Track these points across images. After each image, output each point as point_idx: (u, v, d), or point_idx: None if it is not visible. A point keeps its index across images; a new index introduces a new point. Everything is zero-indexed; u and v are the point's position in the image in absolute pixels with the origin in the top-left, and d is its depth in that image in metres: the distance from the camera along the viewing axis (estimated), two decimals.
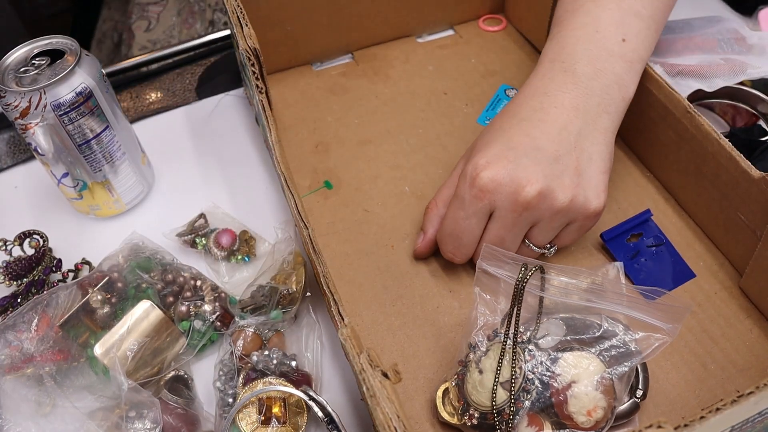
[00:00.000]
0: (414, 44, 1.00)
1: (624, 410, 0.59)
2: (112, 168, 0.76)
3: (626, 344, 0.58)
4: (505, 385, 0.57)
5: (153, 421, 0.60)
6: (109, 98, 0.73)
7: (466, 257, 0.71)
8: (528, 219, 0.65)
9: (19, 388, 0.65)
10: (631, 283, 0.71)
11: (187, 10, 1.21)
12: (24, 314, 0.66)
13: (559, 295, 0.60)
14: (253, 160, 0.87)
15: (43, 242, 0.74)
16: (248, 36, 0.70)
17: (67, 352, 0.65)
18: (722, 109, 0.84)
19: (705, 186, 0.72)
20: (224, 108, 0.94)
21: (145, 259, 0.71)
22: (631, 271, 0.72)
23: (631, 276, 0.72)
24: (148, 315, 0.65)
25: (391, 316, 0.70)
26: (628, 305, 0.58)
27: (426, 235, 0.73)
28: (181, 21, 1.21)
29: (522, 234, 0.67)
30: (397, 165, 0.84)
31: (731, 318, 0.68)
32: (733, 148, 0.66)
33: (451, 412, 0.61)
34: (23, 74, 0.69)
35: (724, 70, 0.81)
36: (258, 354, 0.63)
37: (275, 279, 0.70)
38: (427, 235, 0.73)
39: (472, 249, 0.70)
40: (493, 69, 0.96)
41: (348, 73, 0.97)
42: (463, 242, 0.69)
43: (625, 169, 0.81)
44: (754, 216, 0.66)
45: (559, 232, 0.68)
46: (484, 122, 0.88)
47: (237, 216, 0.79)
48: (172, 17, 1.22)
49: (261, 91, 0.71)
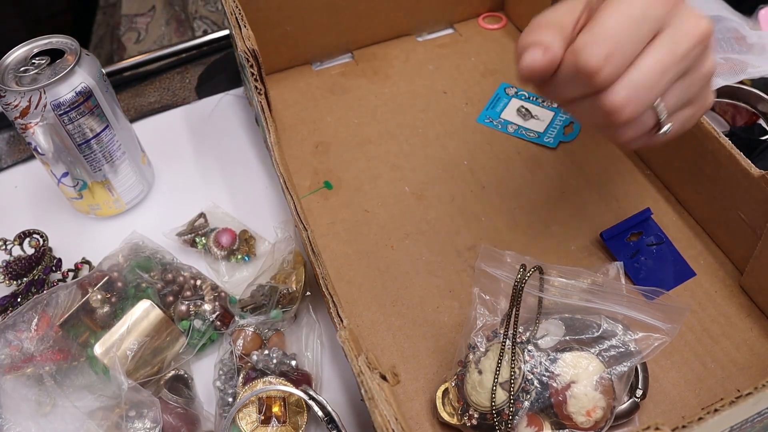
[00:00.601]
0: (414, 43, 1.00)
1: (624, 410, 0.59)
2: (112, 167, 0.76)
3: (625, 344, 0.58)
4: (504, 385, 0.57)
5: (153, 421, 0.60)
6: (109, 98, 0.73)
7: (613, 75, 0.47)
8: (692, 58, 0.49)
9: (19, 388, 0.65)
10: (631, 282, 0.71)
11: (175, 19, 1.21)
12: (24, 314, 0.66)
13: (559, 296, 0.60)
14: (252, 160, 0.87)
15: (43, 242, 0.74)
16: (247, 37, 0.70)
17: (67, 351, 0.65)
18: (722, 108, 0.84)
19: (705, 185, 0.72)
20: (224, 107, 0.94)
21: (145, 259, 0.71)
22: (631, 270, 0.72)
23: (631, 275, 0.72)
24: (148, 314, 0.65)
25: (391, 316, 0.70)
26: (627, 305, 0.58)
27: (551, 48, 0.49)
28: (170, 30, 1.21)
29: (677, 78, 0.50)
30: (397, 165, 0.84)
31: (731, 316, 0.68)
32: (733, 146, 0.66)
33: (450, 413, 0.61)
34: (23, 74, 0.69)
35: (724, 70, 0.81)
36: (258, 353, 0.63)
37: (275, 278, 0.70)
38: (552, 49, 0.49)
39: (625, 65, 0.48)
40: (493, 68, 0.96)
41: (348, 73, 0.97)
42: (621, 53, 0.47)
43: (625, 167, 0.81)
44: (754, 214, 0.66)
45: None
46: (483, 121, 0.88)
47: (237, 215, 0.79)
48: (161, 27, 1.22)
49: (260, 93, 0.71)
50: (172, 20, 1.21)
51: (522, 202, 0.79)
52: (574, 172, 0.81)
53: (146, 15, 1.24)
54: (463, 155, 0.84)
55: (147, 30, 1.22)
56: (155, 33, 1.21)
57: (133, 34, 1.22)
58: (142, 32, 1.22)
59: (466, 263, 0.74)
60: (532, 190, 0.80)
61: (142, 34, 1.22)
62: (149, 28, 1.22)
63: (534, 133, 0.86)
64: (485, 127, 0.88)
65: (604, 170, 0.81)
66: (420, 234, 0.77)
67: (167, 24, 1.21)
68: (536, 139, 0.85)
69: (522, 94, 0.91)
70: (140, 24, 1.23)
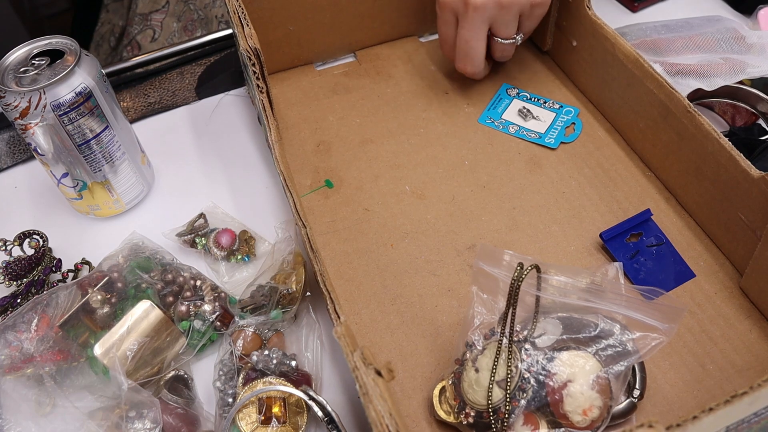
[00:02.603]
0: (416, 44, 1.00)
1: (621, 410, 0.59)
2: (112, 168, 0.76)
3: (623, 344, 0.58)
4: (501, 383, 0.57)
5: (153, 421, 0.60)
6: (108, 98, 0.73)
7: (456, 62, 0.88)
8: (482, 18, 0.81)
9: (19, 388, 0.65)
10: (630, 283, 0.71)
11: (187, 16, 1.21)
12: (24, 314, 0.66)
13: (557, 295, 0.60)
14: (253, 160, 0.87)
15: (42, 242, 0.74)
16: (249, 36, 0.70)
17: (67, 352, 0.65)
18: (722, 108, 0.84)
19: (705, 186, 0.72)
20: (224, 108, 0.94)
21: (145, 259, 0.71)
22: (630, 270, 0.72)
23: (630, 276, 0.71)
24: (148, 315, 0.65)
25: (389, 314, 0.70)
26: (625, 305, 0.58)
27: None
28: (180, 27, 1.21)
29: (484, 32, 0.83)
30: (398, 164, 0.84)
31: (731, 318, 0.68)
32: (733, 147, 0.66)
33: (447, 411, 0.61)
34: (23, 74, 0.69)
35: (724, 69, 0.81)
36: (258, 354, 0.64)
37: (275, 279, 0.70)
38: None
39: (452, 54, 0.88)
40: (495, 68, 0.95)
41: (350, 73, 0.97)
42: (445, 50, 0.89)
43: (626, 168, 0.81)
44: (754, 216, 0.66)
45: (519, 22, 0.84)
46: (485, 121, 0.88)
47: (237, 216, 0.79)
48: (173, 23, 1.22)
49: (262, 91, 0.72)
50: (184, 16, 1.21)
51: (522, 202, 0.79)
52: (575, 173, 0.81)
53: (161, 11, 1.24)
54: (464, 155, 0.85)
55: (162, 27, 1.22)
56: (169, 29, 1.21)
57: (149, 32, 1.22)
58: (157, 30, 1.22)
59: (465, 262, 0.74)
60: (532, 191, 0.80)
61: (157, 32, 1.22)
62: (164, 24, 1.22)
63: (535, 133, 0.86)
64: (486, 128, 0.88)
65: (605, 171, 0.81)
66: (420, 233, 0.77)
67: (179, 20, 1.21)
68: (537, 139, 0.85)
69: (523, 95, 0.91)
70: (155, 21, 1.22)
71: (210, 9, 1.20)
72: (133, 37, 1.23)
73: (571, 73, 0.92)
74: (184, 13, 1.22)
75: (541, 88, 0.92)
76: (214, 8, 1.20)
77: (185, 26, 1.21)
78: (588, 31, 0.85)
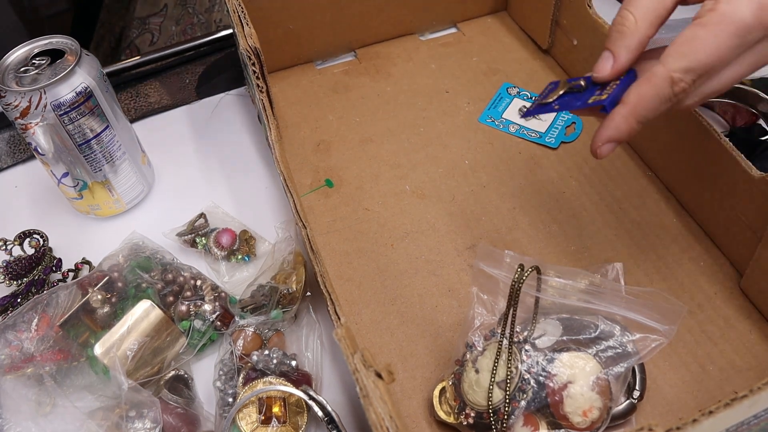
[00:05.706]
0: (417, 42, 1.00)
1: (621, 411, 0.59)
2: (112, 168, 0.76)
3: (623, 345, 0.58)
4: (501, 384, 0.57)
5: (153, 421, 0.60)
6: (109, 98, 0.73)
7: None
8: None
9: (19, 388, 0.65)
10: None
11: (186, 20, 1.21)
12: (24, 314, 0.66)
13: (557, 296, 0.60)
14: (253, 160, 0.87)
15: (43, 242, 0.74)
16: (248, 35, 0.70)
17: (67, 351, 0.65)
18: (722, 108, 0.84)
19: (705, 186, 0.72)
20: (225, 107, 0.94)
21: (145, 259, 0.71)
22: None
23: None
24: (148, 315, 0.65)
25: (390, 314, 0.70)
26: (625, 306, 0.58)
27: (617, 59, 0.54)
28: (179, 31, 1.21)
29: None
30: (398, 164, 0.84)
31: (731, 319, 0.68)
32: (733, 148, 0.66)
33: (447, 411, 0.61)
34: (23, 74, 0.69)
35: None
36: (258, 354, 0.64)
37: (275, 279, 0.70)
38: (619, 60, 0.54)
39: None
40: (495, 67, 0.95)
41: (350, 72, 0.97)
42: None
43: (626, 168, 0.81)
44: (754, 216, 0.66)
45: None
46: (485, 121, 0.88)
47: (237, 215, 0.79)
48: (172, 27, 1.22)
49: (261, 90, 0.72)
50: (182, 20, 1.21)
51: (522, 202, 0.79)
52: (575, 172, 0.81)
53: (159, 14, 1.23)
54: (464, 154, 0.84)
55: (160, 31, 1.21)
56: (167, 33, 1.21)
57: (148, 36, 1.22)
58: (156, 33, 1.22)
59: (465, 262, 0.74)
60: (532, 190, 0.80)
61: (156, 35, 1.21)
62: (162, 28, 1.22)
63: (535, 133, 0.86)
64: (487, 127, 0.88)
65: (605, 171, 0.81)
66: (420, 233, 0.77)
67: (177, 23, 1.21)
68: (537, 139, 0.85)
69: (524, 94, 0.91)
70: (154, 24, 1.22)
71: (210, 13, 1.20)
72: (132, 41, 1.23)
73: (572, 71, 0.92)
74: (182, 16, 1.22)
75: (542, 87, 0.92)
76: (213, 12, 1.20)
77: (184, 30, 1.21)
78: (589, 30, 0.84)
